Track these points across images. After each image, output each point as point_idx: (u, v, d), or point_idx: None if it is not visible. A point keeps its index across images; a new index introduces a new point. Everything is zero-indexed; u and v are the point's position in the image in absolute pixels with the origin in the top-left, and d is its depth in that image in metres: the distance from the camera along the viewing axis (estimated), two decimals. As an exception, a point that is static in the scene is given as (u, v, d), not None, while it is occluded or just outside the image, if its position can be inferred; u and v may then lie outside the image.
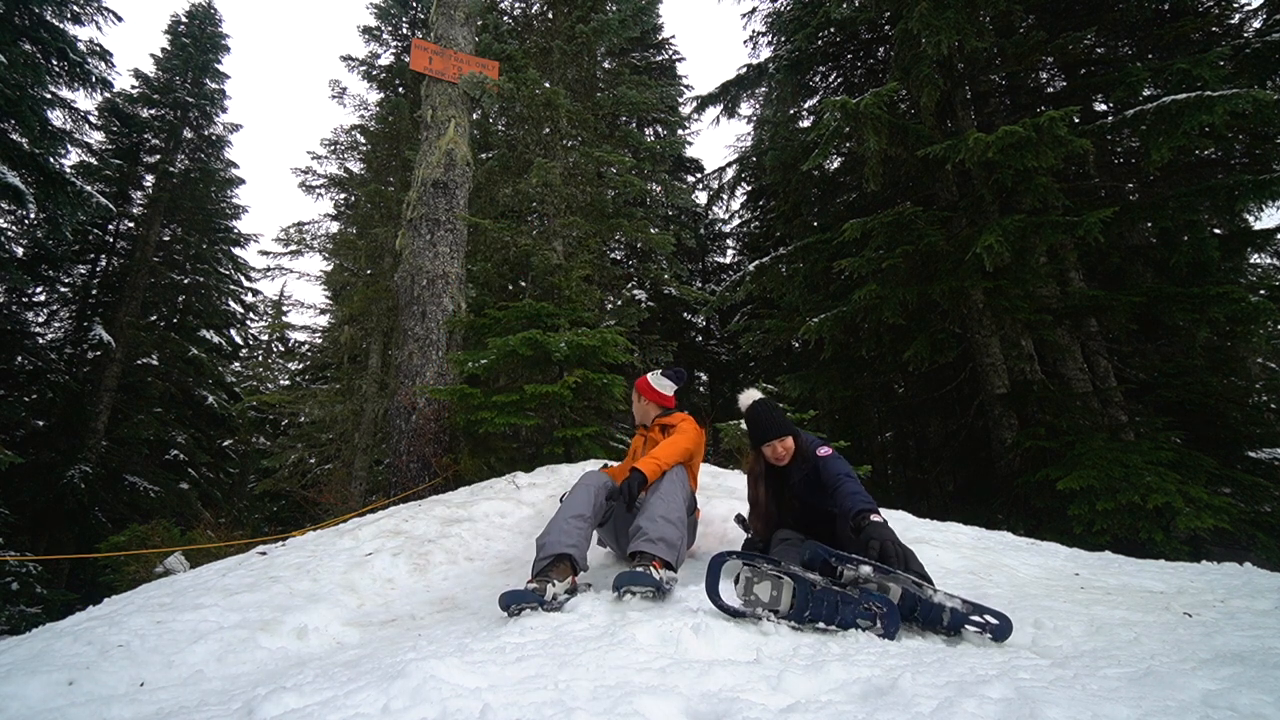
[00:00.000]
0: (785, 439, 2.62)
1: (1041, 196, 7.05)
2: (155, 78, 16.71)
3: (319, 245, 15.65)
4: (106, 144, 15.64)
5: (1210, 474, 6.26)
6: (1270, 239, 8.25)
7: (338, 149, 16.17)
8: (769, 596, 2.04)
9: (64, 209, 9.23)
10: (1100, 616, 2.22)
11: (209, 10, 17.60)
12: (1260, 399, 8.77)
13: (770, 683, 1.29)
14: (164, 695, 1.61)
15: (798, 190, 10.70)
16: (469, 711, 1.09)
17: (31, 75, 9.45)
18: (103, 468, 13.08)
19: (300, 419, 14.63)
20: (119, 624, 2.34)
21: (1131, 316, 7.41)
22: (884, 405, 11.03)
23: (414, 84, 13.35)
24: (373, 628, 2.49)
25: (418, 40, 8.29)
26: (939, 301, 7.43)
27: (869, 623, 1.95)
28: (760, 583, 2.07)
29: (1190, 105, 6.04)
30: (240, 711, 1.21)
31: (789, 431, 2.63)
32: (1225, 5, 8.18)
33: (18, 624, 8.82)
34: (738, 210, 16.19)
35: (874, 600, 1.97)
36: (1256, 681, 1.19)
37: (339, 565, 3.23)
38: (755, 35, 11.84)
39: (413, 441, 6.70)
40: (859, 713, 1.11)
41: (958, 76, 8.42)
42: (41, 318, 14.99)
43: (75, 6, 10.43)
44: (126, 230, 16.02)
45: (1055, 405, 7.38)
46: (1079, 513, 5.95)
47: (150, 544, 7.76)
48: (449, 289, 7.32)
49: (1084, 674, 1.33)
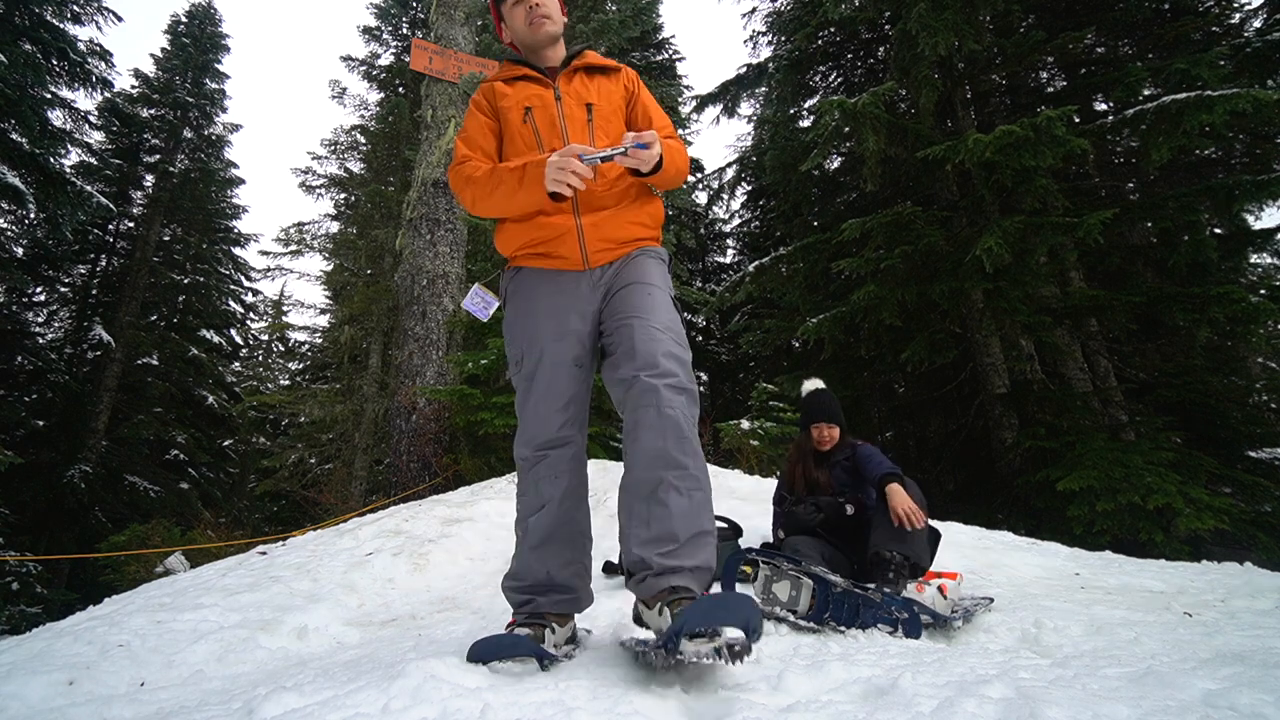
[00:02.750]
0: (833, 426, 2.87)
1: (1041, 197, 7.05)
2: (155, 78, 16.71)
3: (319, 245, 15.67)
4: (106, 144, 15.63)
5: (1210, 474, 6.25)
6: (1270, 239, 8.25)
7: (338, 149, 16.18)
8: (787, 596, 2.01)
9: (64, 209, 9.22)
10: (1100, 616, 2.22)
11: (209, 10, 17.60)
12: (1260, 399, 8.76)
13: (770, 682, 1.29)
14: (164, 695, 1.61)
15: (798, 190, 10.69)
16: (469, 711, 1.09)
17: (32, 75, 9.45)
18: (103, 468, 13.07)
19: (300, 419, 14.64)
20: (119, 624, 2.34)
21: (1131, 316, 7.40)
22: (884, 405, 11.01)
23: (414, 84, 13.35)
24: (373, 627, 2.49)
25: (418, 40, 8.30)
26: (939, 302, 7.43)
27: (890, 628, 1.92)
28: (779, 582, 2.03)
29: (1190, 105, 6.04)
30: (240, 711, 1.21)
31: (837, 421, 2.88)
32: (1225, 5, 8.18)
33: (18, 624, 8.82)
34: (738, 210, 16.19)
35: (895, 605, 1.96)
36: (1257, 681, 1.19)
37: (339, 565, 3.24)
38: (755, 35, 11.83)
39: (413, 441, 6.70)
40: (859, 712, 1.11)
41: (957, 76, 8.42)
42: (41, 318, 14.99)
43: (75, 6, 10.42)
44: (126, 230, 16.01)
45: (1055, 405, 7.38)
46: (1079, 513, 5.95)
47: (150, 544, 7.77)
48: (449, 289, 7.32)
49: (1084, 674, 1.33)
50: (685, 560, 1.35)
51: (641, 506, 1.41)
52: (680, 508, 1.37)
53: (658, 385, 1.43)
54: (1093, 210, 6.44)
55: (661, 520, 1.37)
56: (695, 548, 1.37)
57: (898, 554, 2.31)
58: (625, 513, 1.46)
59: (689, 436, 1.41)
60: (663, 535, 1.36)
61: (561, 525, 1.57)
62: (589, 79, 1.73)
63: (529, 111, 1.65)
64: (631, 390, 1.46)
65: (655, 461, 1.39)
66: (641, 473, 1.42)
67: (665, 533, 1.36)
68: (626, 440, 1.47)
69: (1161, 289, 7.09)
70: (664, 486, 1.38)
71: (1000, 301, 7.43)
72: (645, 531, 1.38)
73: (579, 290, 1.63)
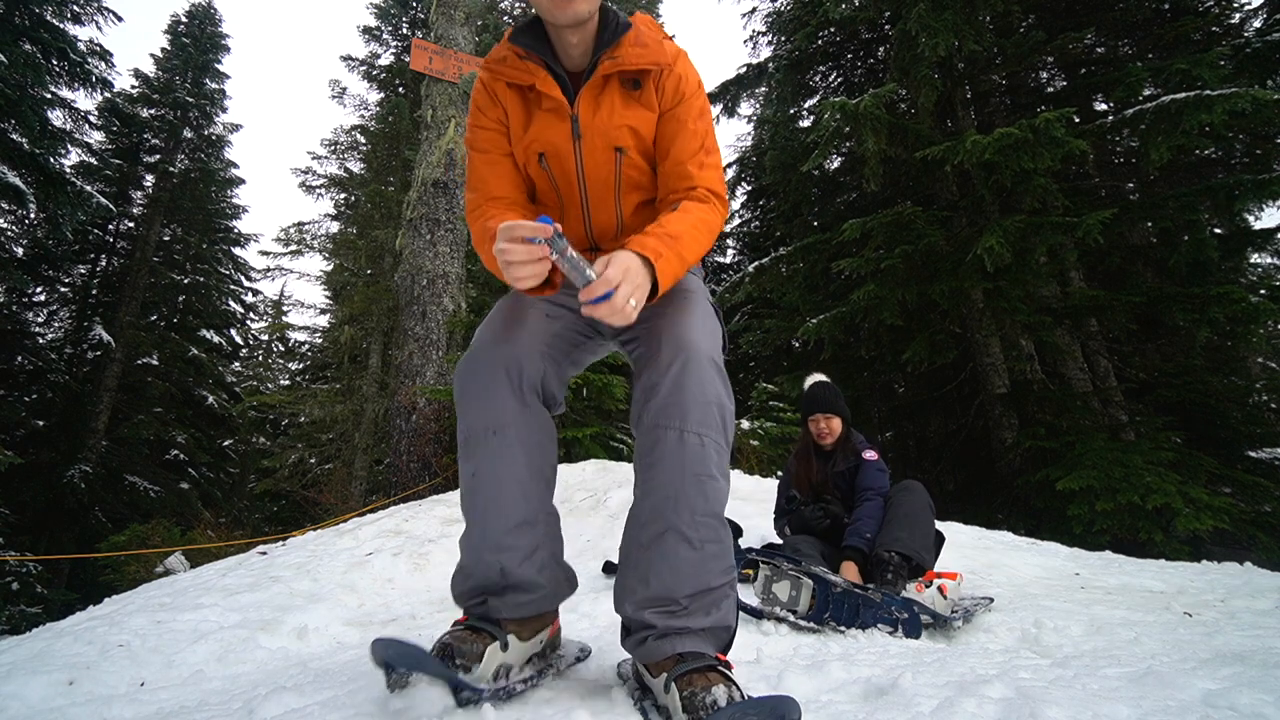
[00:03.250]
0: (832, 418, 2.76)
1: (1041, 197, 7.05)
2: (155, 78, 16.71)
3: (319, 245, 15.68)
4: (106, 144, 15.63)
5: (1210, 474, 6.26)
6: (1270, 239, 8.25)
7: (338, 149, 16.18)
8: (787, 596, 2.00)
9: (64, 209, 9.22)
10: (1100, 616, 2.22)
11: (209, 10, 17.59)
12: (1260, 399, 8.76)
13: (770, 683, 1.29)
14: (164, 695, 1.61)
15: (798, 190, 10.70)
16: (469, 710, 1.09)
17: (31, 75, 9.44)
18: (103, 468, 13.07)
19: (300, 419, 14.64)
20: (119, 624, 2.34)
21: (1131, 316, 7.41)
22: (884, 405, 11.02)
23: (414, 84, 13.35)
24: (373, 627, 2.49)
25: (418, 40, 8.30)
26: (939, 302, 7.43)
27: (890, 628, 1.92)
28: (779, 582, 2.02)
29: (1189, 104, 6.04)
30: (240, 711, 1.21)
31: (837, 412, 2.76)
32: (1225, 5, 8.18)
33: (18, 624, 8.82)
34: (738, 210, 16.19)
35: (895, 605, 1.96)
36: (1257, 681, 1.19)
37: (339, 565, 3.23)
38: (755, 35, 11.84)
39: (413, 441, 6.70)
40: (859, 713, 1.11)
41: (957, 76, 8.42)
42: (41, 318, 14.99)
43: (75, 6, 10.42)
44: (126, 230, 16.01)
45: (1055, 405, 7.39)
46: (1079, 513, 5.96)
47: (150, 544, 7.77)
48: (449, 289, 7.33)
49: (1084, 674, 1.33)
50: (693, 621, 1.10)
51: (641, 556, 1.13)
52: (689, 563, 1.10)
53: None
54: (1093, 210, 6.45)
55: (662, 576, 1.10)
56: (707, 607, 1.11)
57: (897, 554, 2.31)
58: (623, 558, 1.19)
59: (714, 474, 1.12)
60: (661, 596, 1.10)
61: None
62: (626, 96, 1.24)
63: (543, 158, 1.27)
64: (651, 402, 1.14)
65: (665, 502, 1.10)
66: (647, 512, 1.13)
67: (664, 593, 1.10)
68: (639, 464, 1.16)
69: (1161, 289, 7.10)
70: (671, 535, 1.10)
71: (1000, 301, 7.43)
72: (644, 590, 1.11)
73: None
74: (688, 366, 1.11)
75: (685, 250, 1.15)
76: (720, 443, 1.13)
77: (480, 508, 1.19)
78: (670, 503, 1.10)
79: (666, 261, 1.11)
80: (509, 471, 1.17)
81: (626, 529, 1.19)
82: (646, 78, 1.24)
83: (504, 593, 1.17)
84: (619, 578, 1.19)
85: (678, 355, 1.12)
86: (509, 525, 1.17)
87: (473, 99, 1.34)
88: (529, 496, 1.19)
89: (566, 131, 1.24)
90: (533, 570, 1.18)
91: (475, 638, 1.12)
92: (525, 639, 1.19)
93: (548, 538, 1.22)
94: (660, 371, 1.12)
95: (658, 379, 1.12)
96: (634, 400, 1.20)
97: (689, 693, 0.99)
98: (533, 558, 1.18)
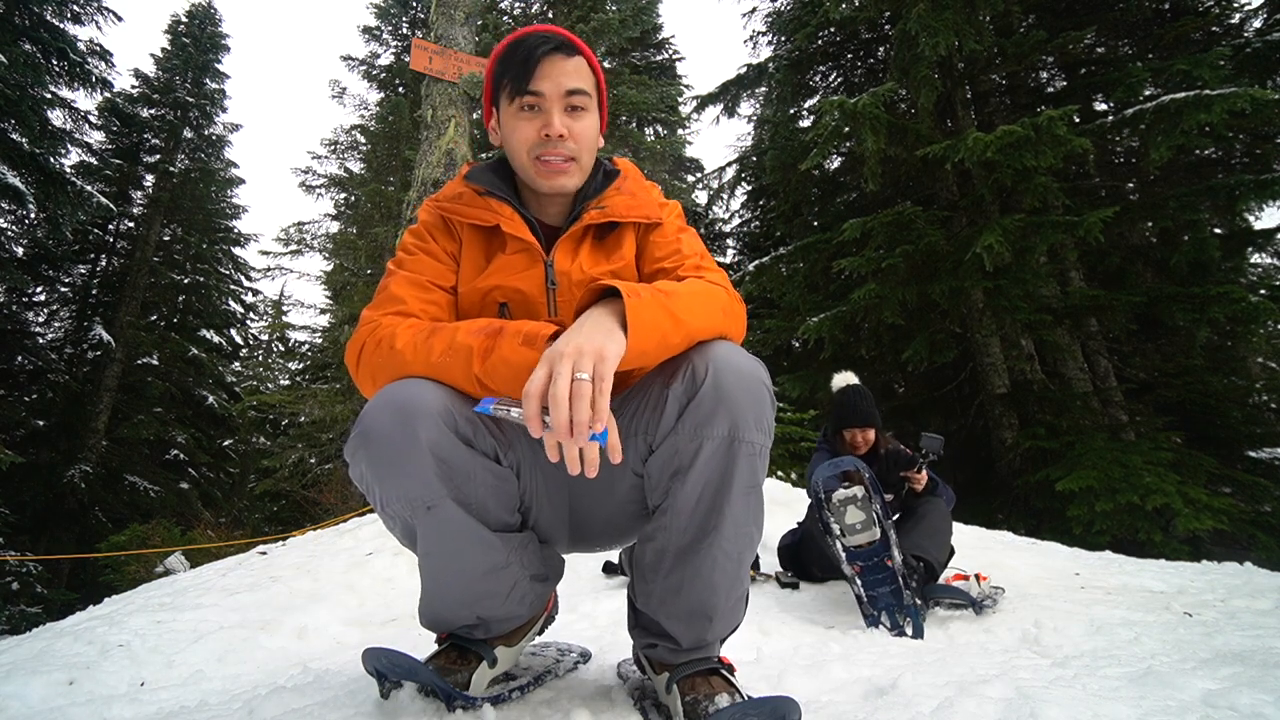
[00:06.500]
0: (868, 430, 2.73)
1: (1041, 196, 7.05)
2: (155, 78, 16.71)
3: (319, 245, 15.67)
4: (106, 144, 15.63)
5: (1210, 474, 6.27)
6: (1270, 239, 8.26)
7: (338, 149, 16.18)
8: (859, 522, 2.29)
9: (64, 209, 9.23)
10: (1100, 616, 2.23)
11: (209, 10, 17.59)
12: (1260, 399, 8.76)
13: (771, 683, 1.29)
14: (165, 695, 1.61)
15: (798, 190, 10.69)
16: (469, 709, 1.09)
17: (31, 75, 9.45)
18: (103, 468, 13.08)
19: (300, 419, 14.62)
20: (119, 624, 2.34)
21: (1131, 316, 7.41)
22: (884, 405, 11.00)
23: (414, 84, 13.35)
24: (373, 627, 2.49)
25: (417, 40, 8.29)
26: (939, 301, 7.44)
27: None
28: (855, 508, 2.29)
29: (1189, 104, 6.05)
30: (241, 711, 1.21)
31: (873, 424, 2.74)
32: (1225, 5, 8.18)
33: (18, 624, 8.81)
34: (738, 210, 16.18)
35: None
36: (1257, 681, 1.19)
37: (339, 565, 3.23)
38: (755, 35, 11.85)
39: (413, 441, 6.70)
40: (859, 712, 1.11)
41: (957, 76, 8.42)
42: (41, 318, 14.98)
43: (75, 6, 10.43)
44: (126, 230, 16.01)
45: (1055, 405, 7.39)
46: (1079, 513, 5.96)
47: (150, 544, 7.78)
48: (449, 289, 7.33)
49: (1084, 674, 1.33)
50: (719, 632, 1.03)
51: (672, 560, 0.98)
52: (726, 571, 0.96)
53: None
54: (1093, 209, 6.44)
55: (696, 587, 0.97)
56: (734, 614, 1.03)
57: (912, 557, 2.38)
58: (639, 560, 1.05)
59: (756, 485, 0.97)
60: (696, 609, 0.98)
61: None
62: (603, 243, 1.13)
63: (504, 308, 1.08)
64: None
65: (700, 506, 0.94)
66: (683, 519, 0.95)
67: (699, 605, 0.98)
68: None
69: (1161, 289, 7.10)
70: (709, 543, 0.94)
71: (1000, 300, 7.44)
72: (675, 601, 0.99)
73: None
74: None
75: (678, 307, 0.90)
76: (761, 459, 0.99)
77: (435, 577, 1.08)
78: (709, 509, 0.97)
79: (643, 304, 0.86)
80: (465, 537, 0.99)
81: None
82: (628, 224, 1.14)
83: (487, 626, 1.08)
84: (638, 577, 1.07)
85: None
86: (478, 578, 1.02)
87: (421, 220, 1.16)
88: (493, 546, 1.00)
89: (539, 278, 1.08)
90: (514, 605, 1.06)
91: (461, 663, 1.05)
92: (515, 643, 1.12)
93: (524, 566, 1.05)
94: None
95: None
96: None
97: (691, 699, 0.96)
98: (512, 594, 1.04)
